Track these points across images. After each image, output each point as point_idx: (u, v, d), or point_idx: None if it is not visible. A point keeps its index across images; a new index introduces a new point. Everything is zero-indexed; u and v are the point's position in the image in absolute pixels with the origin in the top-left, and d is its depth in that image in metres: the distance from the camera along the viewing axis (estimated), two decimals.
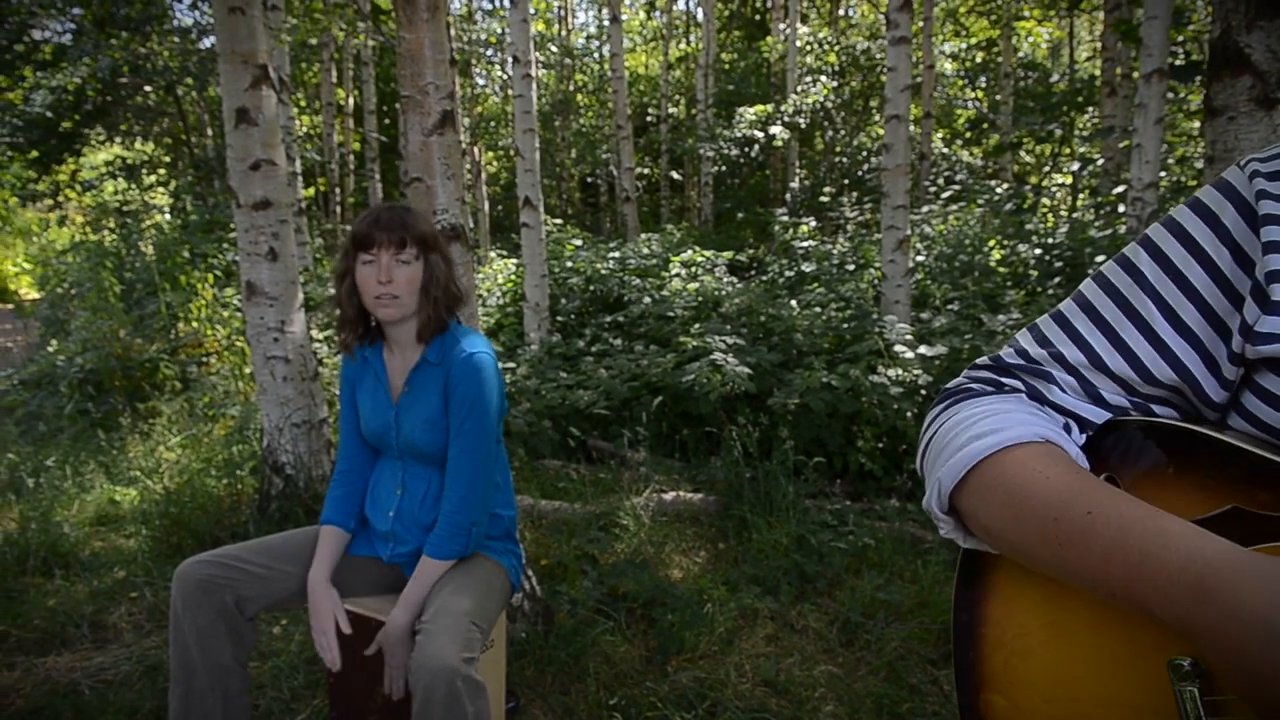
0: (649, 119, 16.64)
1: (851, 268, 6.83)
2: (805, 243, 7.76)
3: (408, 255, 1.66)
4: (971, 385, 0.77)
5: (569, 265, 7.09)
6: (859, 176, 11.11)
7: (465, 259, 2.39)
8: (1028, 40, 14.41)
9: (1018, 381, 0.75)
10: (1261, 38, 1.86)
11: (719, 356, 4.31)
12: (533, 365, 5.28)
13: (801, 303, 5.75)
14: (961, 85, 13.80)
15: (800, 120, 10.94)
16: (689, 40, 18.53)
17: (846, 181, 11.07)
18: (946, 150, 11.79)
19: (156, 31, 10.12)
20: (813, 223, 8.71)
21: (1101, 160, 8.82)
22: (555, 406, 4.50)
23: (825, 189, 10.54)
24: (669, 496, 3.54)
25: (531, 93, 6.08)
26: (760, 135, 10.77)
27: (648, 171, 16.24)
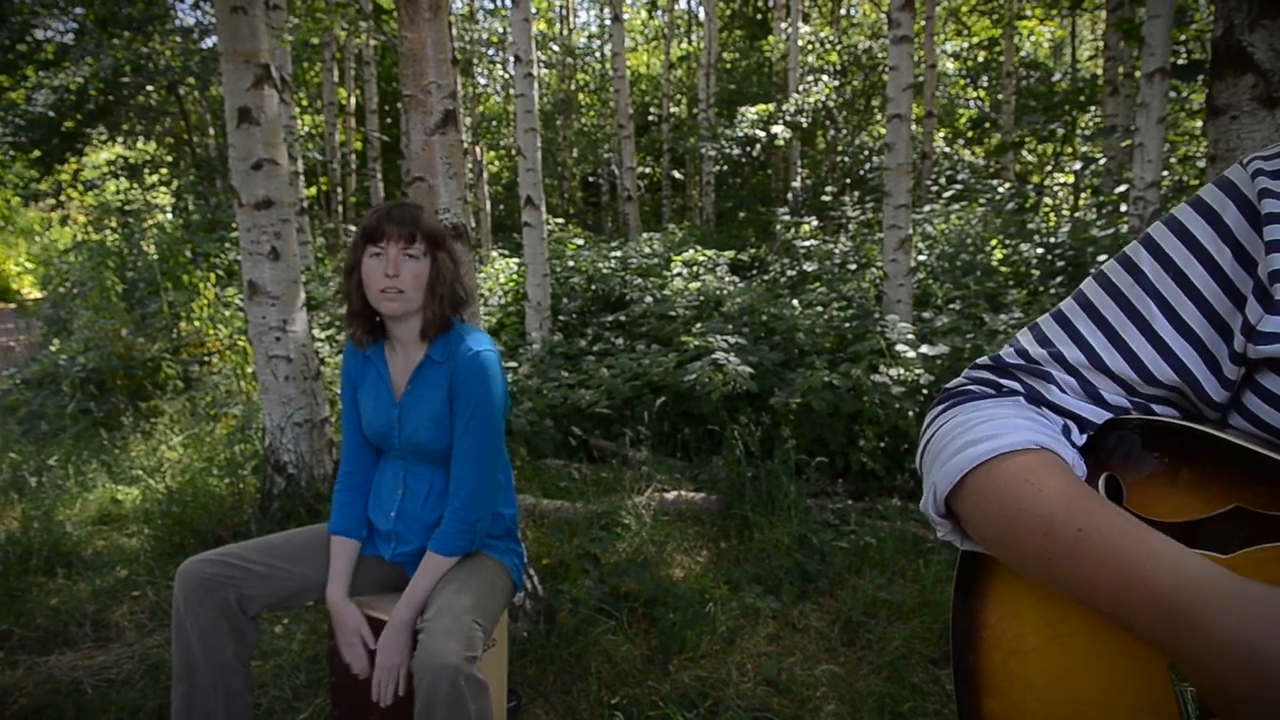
0: (651, 118, 16.64)
1: (853, 267, 6.82)
2: (807, 242, 7.76)
3: (416, 250, 1.66)
4: (970, 387, 0.77)
5: (571, 264, 7.09)
6: (861, 176, 11.11)
7: (467, 258, 2.39)
8: (1030, 39, 14.40)
9: (1016, 383, 0.74)
10: (1264, 36, 1.86)
11: (721, 356, 4.31)
12: (534, 364, 5.29)
13: (803, 302, 5.74)
14: (963, 84, 13.79)
15: (802, 119, 10.94)
16: (690, 39, 18.53)
17: (848, 181, 11.06)
18: (948, 149, 11.79)
19: (159, 31, 10.13)
20: (814, 222, 8.70)
21: (1103, 159, 8.81)
22: (557, 406, 4.50)
23: (827, 188, 10.54)
24: (671, 496, 3.54)
25: (533, 92, 6.08)
26: (762, 134, 10.77)
27: (649, 171, 16.24)
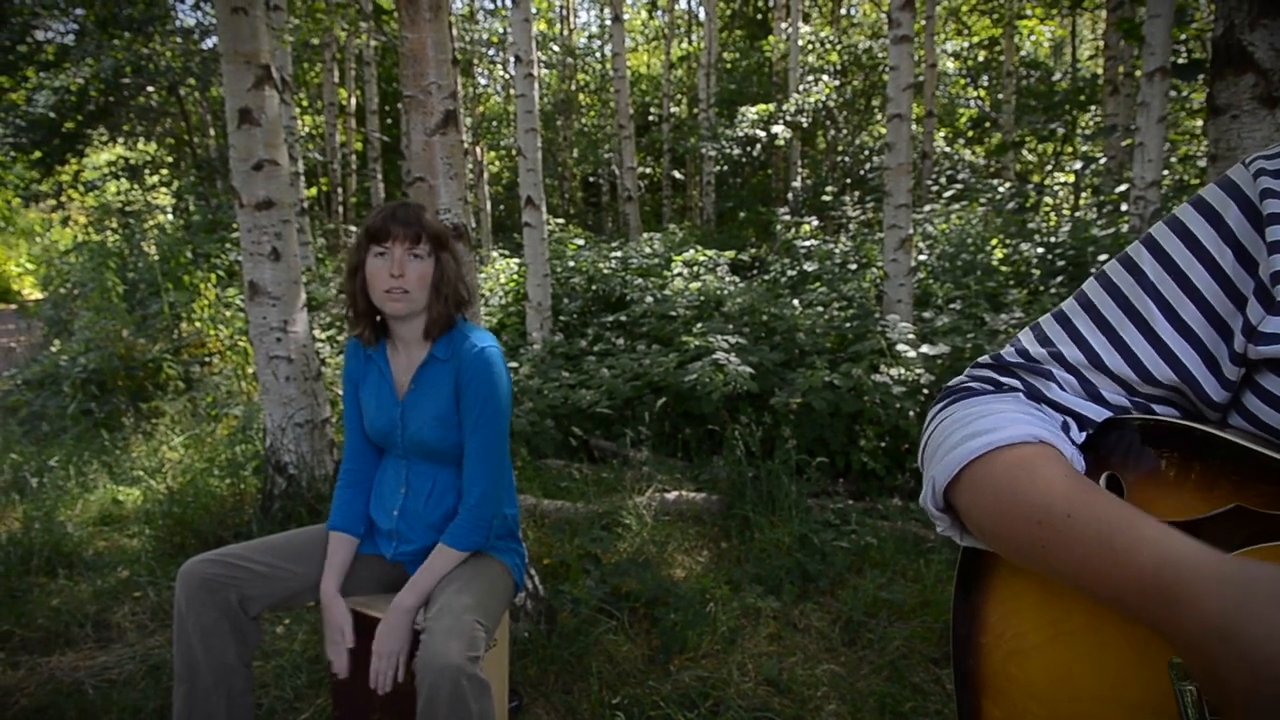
0: (651, 118, 16.65)
1: (854, 267, 6.82)
2: (807, 242, 7.76)
3: (421, 250, 1.66)
4: (971, 384, 0.77)
5: (571, 265, 7.09)
6: (861, 175, 11.11)
7: (468, 258, 2.39)
8: (1030, 39, 14.40)
9: (1016, 380, 0.75)
10: (1265, 36, 1.86)
11: (721, 356, 4.31)
12: (535, 365, 5.29)
13: (804, 302, 5.74)
14: (964, 84, 13.79)
15: (802, 119, 10.94)
16: (691, 39, 18.54)
17: (848, 180, 11.07)
18: (949, 149, 11.78)
19: (159, 32, 10.13)
20: (815, 222, 8.71)
21: (1104, 159, 8.81)
22: (557, 406, 4.50)
23: (827, 188, 10.54)
24: (671, 496, 3.54)
25: (533, 92, 6.09)
26: (762, 134, 10.77)
27: (650, 171, 16.24)
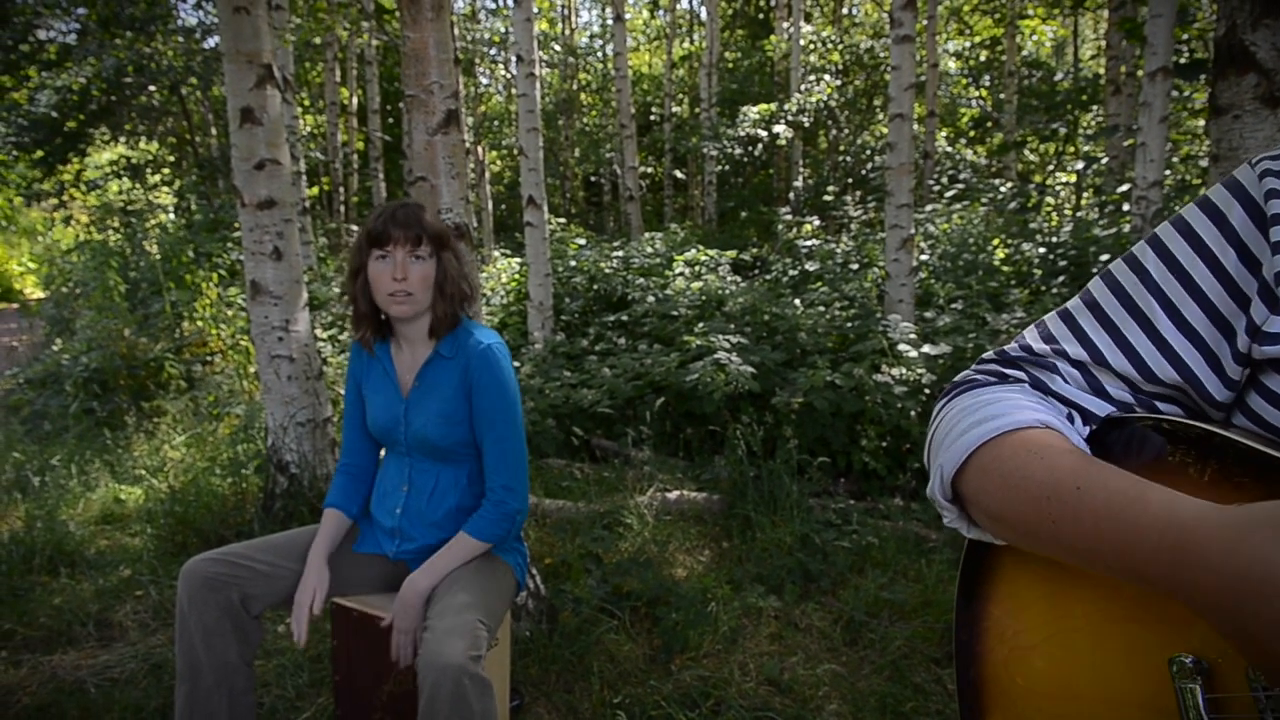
0: (652, 118, 16.65)
1: (855, 267, 6.82)
2: (809, 242, 7.75)
3: (423, 252, 1.67)
4: (976, 377, 0.78)
5: (573, 264, 7.09)
6: (863, 175, 11.10)
7: (469, 257, 2.39)
8: (1032, 38, 14.38)
9: (1021, 372, 0.75)
10: (1267, 36, 1.85)
11: (723, 355, 4.31)
12: (537, 364, 5.29)
13: (805, 302, 5.74)
14: (965, 84, 13.77)
15: (804, 119, 10.94)
16: (692, 39, 18.53)
17: (850, 180, 11.06)
18: (950, 149, 11.76)
19: (161, 31, 10.14)
20: (816, 222, 8.71)
21: (1106, 159, 8.80)
22: (559, 405, 4.50)
23: (829, 188, 10.54)
24: (673, 495, 3.54)
25: (535, 92, 6.09)
26: (764, 134, 10.77)
27: (651, 170, 16.24)
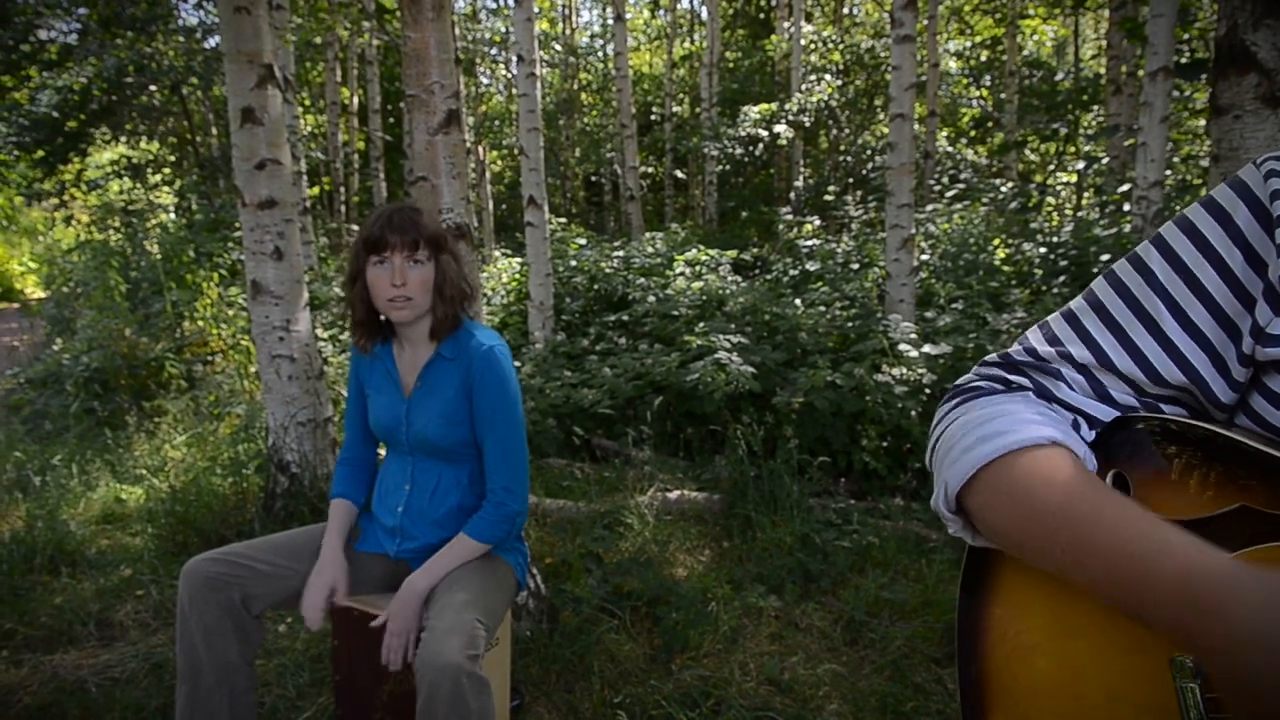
0: (653, 118, 16.64)
1: (856, 267, 6.81)
2: (809, 242, 7.75)
3: (421, 256, 1.67)
4: (979, 383, 0.77)
5: (573, 264, 7.08)
6: (863, 175, 11.10)
7: (470, 258, 2.39)
8: (1032, 38, 14.37)
9: (1025, 379, 0.74)
10: (1268, 35, 1.85)
11: (723, 355, 4.31)
12: (537, 364, 5.29)
13: (806, 301, 5.74)
14: (966, 84, 13.76)
15: (805, 119, 10.93)
16: (693, 39, 18.53)
17: (851, 180, 11.06)
18: (951, 149, 11.76)
19: (162, 31, 10.14)
20: (817, 221, 8.70)
21: (1106, 159, 8.79)
22: (559, 405, 4.51)
23: (830, 188, 10.53)
24: (673, 495, 3.54)
25: (536, 92, 6.08)
26: (764, 134, 10.76)
27: (652, 170, 16.23)
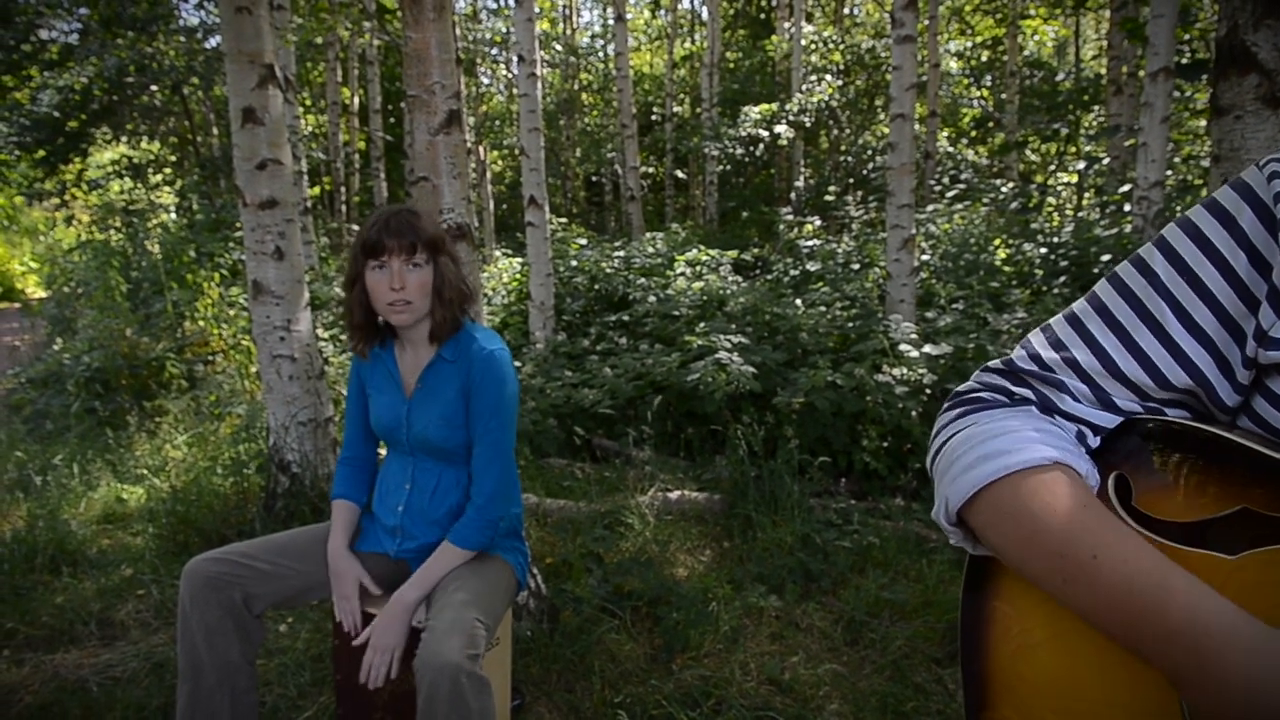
0: (654, 118, 16.64)
1: (856, 267, 6.81)
2: (810, 242, 7.74)
3: (419, 259, 1.66)
4: (983, 394, 0.76)
5: (574, 264, 7.08)
6: (864, 175, 11.10)
7: (471, 258, 2.39)
8: (1033, 39, 14.37)
9: (1029, 390, 0.74)
10: (1268, 36, 1.85)
11: (724, 355, 4.31)
12: (538, 364, 5.29)
13: (806, 302, 5.73)
14: (967, 84, 13.76)
15: (805, 119, 10.93)
16: (694, 39, 18.53)
17: (851, 180, 11.06)
18: (952, 149, 11.76)
19: (163, 31, 10.14)
20: (818, 222, 8.70)
21: (1107, 159, 8.79)
22: (560, 405, 4.51)
23: (830, 188, 10.53)
24: (674, 495, 3.54)
25: (536, 92, 6.08)
26: (765, 134, 10.76)
27: (652, 170, 16.23)
